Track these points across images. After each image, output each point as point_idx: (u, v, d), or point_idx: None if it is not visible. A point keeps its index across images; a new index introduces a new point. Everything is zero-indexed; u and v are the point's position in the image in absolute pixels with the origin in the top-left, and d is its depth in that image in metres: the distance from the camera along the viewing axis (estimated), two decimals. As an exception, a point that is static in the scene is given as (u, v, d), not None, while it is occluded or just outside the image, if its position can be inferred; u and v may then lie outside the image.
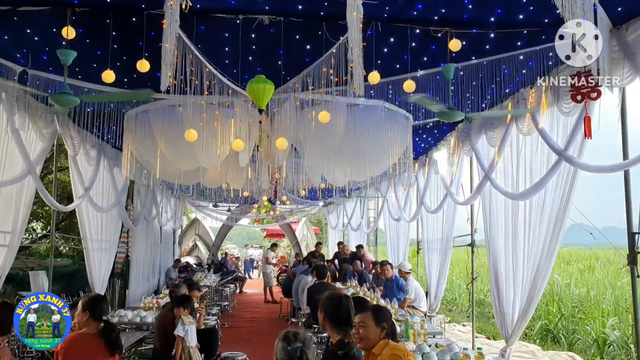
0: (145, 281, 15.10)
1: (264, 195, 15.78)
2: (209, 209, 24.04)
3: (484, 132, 8.75)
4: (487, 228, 8.63)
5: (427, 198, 12.12)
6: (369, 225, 18.94)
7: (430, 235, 12.28)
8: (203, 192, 17.25)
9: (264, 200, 16.07)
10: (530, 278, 7.16)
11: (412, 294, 9.87)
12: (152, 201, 15.62)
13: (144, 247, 15.03)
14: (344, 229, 22.52)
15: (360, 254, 14.94)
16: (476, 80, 6.88)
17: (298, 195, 16.27)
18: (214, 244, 26.27)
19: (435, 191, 11.83)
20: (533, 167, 7.37)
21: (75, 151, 9.78)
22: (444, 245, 11.08)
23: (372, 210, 19.09)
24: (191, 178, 9.94)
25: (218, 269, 21.27)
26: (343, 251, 15.74)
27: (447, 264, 11.11)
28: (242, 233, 72.91)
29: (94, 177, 10.54)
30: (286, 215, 26.00)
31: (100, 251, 11.27)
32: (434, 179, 11.85)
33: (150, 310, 8.07)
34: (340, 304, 4.31)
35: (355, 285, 12.10)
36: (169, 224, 19.67)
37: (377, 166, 8.92)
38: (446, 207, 10.98)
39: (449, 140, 10.67)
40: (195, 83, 6.40)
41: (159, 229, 17.48)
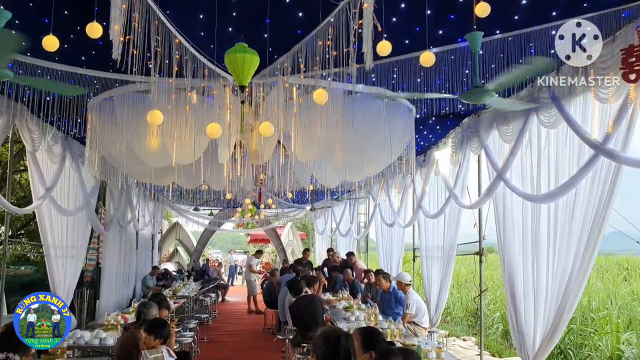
0: (119, 290, 13.92)
1: (248, 198, 14.67)
2: (190, 213, 22.89)
3: (495, 126, 7.75)
4: (501, 235, 7.61)
5: (425, 201, 11.12)
6: (359, 231, 17.89)
7: (429, 242, 11.25)
8: (181, 194, 16.08)
9: (247, 203, 14.94)
10: (558, 294, 6.13)
11: (412, 309, 8.81)
12: (127, 204, 14.47)
13: (118, 254, 13.85)
14: (332, 235, 21.46)
15: (352, 261, 13.84)
16: (495, 63, 5.85)
17: (284, 199, 15.18)
18: (196, 249, 25.05)
19: (435, 194, 10.83)
20: (560, 165, 6.36)
21: (34, 147, 8.67)
22: (447, 253, 10.04)
23: (362, 214, 18.05)
24: (164, 177, 8.83)
25: (199, 276, 20.09)
26: (333, 259, 14.60)
27: (449, 274, 10.07)
28: (227, 238, 71.53)
29: (57, 177, 9.44)
30: (271, 220, 24.89)
31: (65, 258, 10.13)
32: (433, 181, 10.86)
33: (113, 330, 6.90)
34: (337, 348, 3.23)
35: (347, 297, 11.04)
36: (146, 229, 18.50)
37: (375, 164, 7.93)
38: (448, 212, 9.96)
39: (452, 137, 9.67)
40: (164, 61, 5.33)
41: (134, 234, 16.31)
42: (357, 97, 7.00)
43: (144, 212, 17.37)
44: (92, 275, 12.43)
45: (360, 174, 8.51)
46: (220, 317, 16.50)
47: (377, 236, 15.50)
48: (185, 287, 14.52)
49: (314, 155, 7.20)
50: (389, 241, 14.57)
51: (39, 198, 8.87)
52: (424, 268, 11.35)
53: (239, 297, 22.48)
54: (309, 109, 6.55)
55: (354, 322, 8.32)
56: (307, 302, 8.09)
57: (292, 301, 8.51)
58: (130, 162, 7.58)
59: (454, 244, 9.81)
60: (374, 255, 18.41)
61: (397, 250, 13.97)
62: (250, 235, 32.76)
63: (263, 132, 5.44)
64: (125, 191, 13.96)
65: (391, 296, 9.64)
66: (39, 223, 9.31)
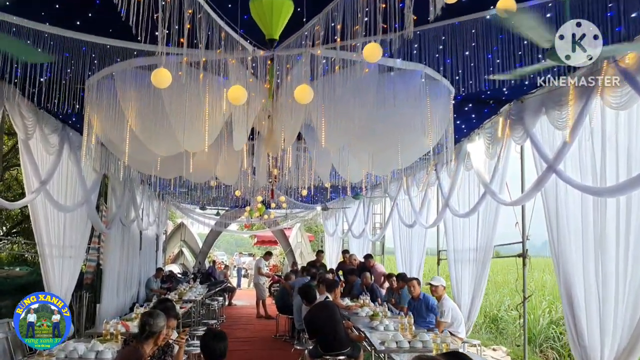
0: (121, 294, 13.05)
1: (259, 195, 13.76)
2: (196, 212, 22.03)
3: (544, 112, 6.86)
4: (553, 236, 6.69)
5: (453, 200, 10.22)
6: (374, 232, 16.97)
7: (458, 244, 10.33)
8: (189, 190, 15.17)
9: (258, 200, 14.00)
10: (635, 304, 5.22)
11: (448, 317, 7.90)
12: (131, 201, 13.60)
13: (120, 255, 12.98)
14: (344, 236, 20.54)
15: (370, 264, 12.90)
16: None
17: (297, 197, 14.26)
18: (201, 251, 24.17)
19: (465, 191, 9.92)
20: (632, 153, 5.46)
21: (27, 134, 7.80)
22: (481, 255, 9.11)
23: (378, 215, 17.13)
24: (171, 168, 7.94)
25: (205, 278, 19.22)
26: (350, 261, 13.63)
27: (484, 279, 9.13)
28: (230, 240, 70.61)
29: (53, 169, 8.57)
30: (279, 221, 24.00)
31: (62, 258, 9.25)
32: (464, 176, 9.95)
33: (112, 342, 5.94)
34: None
35: (368, 303, 10.12)
36: (150, 229, 17.64)
37: (411, 152, 7.00)
38: (483, 210, 9.05)
39: (487, 127, 8.77)
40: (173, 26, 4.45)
41: (138, 234, 15.44)
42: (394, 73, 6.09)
43: (148, 211, 16.52)
44: (92, 278, 11.56)
45: (391, 165, 7.60)
46: (228, 322, 15.58)
47: (395, 238, 14.58)
48: (192, 290, 13.65)
49: (343, 141, 6.29)
50: (408, 243, 13.65)
51: (32, 192, 8.01)
52: (452, 272, 10.44)
53: (245, 301, 21.60)
54: (339, 88, 5.65)
55: (383, 333, 7.43)
56: (322, 309, 7.20)
57: (308, 310, 7.61)
58: (132, 150, 6.68)
59: (490, 245, 8.88)
60: (390, 259, 17.51)
61: (417, 253, 13.04)
62: (257, 237, 31.85)
63: (300, 96, 4.51)
64: (129, 187, 13.10)
65: (421, 303, 8.73)
66: (33, 219, 8.44)
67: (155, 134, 6.28)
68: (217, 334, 4.71)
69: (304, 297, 7.58)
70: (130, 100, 6.06)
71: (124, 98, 6.08)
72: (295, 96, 4.52)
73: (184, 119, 5.88)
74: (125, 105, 6.09)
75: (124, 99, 6.08)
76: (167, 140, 6.34)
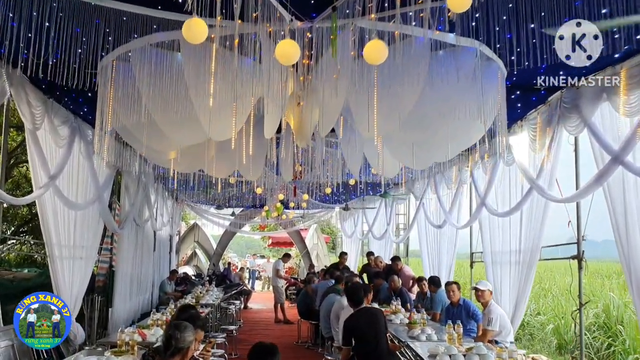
0: (134, 297, 12.42)
1: (279, 193, 13.06)
2: (210, 213, 21.40)
3: (605, 98, 6.14)
4: (620, 235, 5.97)
5: (491, 198, 9.51)
6: (397, 233, 16.25)
7: (496, 246, 9.59)
8: (206, 188, 14.49)
9: (279, 198, 13.28)
10: None
11: (496, 325, 7.15)
12: (145, 200, 12.99)
13: (133, 256, 12.36)
14: (364, 238, 19.82)
15: (397, 267, 12.16)
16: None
17: (320, 195, 13.53)
18: (215, 252, 23.50)
19: (505, 188, 9.20)
20: None
21: (35, 124, 7.20)
22: (526, 258, 8.36)
23: (401, 215, 16.41)
24: (191, 161, 7.28)
25: (220, 281, 18.58)
26: (375, 263, 12.90)
27: (529, 283, 8.38)
28: (240, 242, 69.93)
29: (63, 163, 7.99)
30: (295, 222, 23.33)
31: (72, 260, 8.65)
32: (503, 172, 9.24)
33: (127, 355, 5.20)
34: None
35: (400, 309, 9.40)
36: (164, 229, 17.03)
37: (459, 141, 6.31)
38: (527, 208, 8.32)
39: (532, 117, 8.05)
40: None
41: (152, 235, 14.82)
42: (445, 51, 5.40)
43: (162, 211, 15.90)
44: (105, 280, 10.91)
45: (435, 156, 6.92)
46: (245, 327, 14.90)
47: (421, 239, 13.85)
48: (209, 294, 12.99)
49: (387, 128, 5.59)
50: (436, 245, 12.93)
51: (40, 187, 7.39)
52: (490, 276, 9.70)
53: (261, 304, 20.94)
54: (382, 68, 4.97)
55: (428, 343, 6.72)
56: (369, 316, 6.48)
57: (348, 314, 6.90)
58: (150, 140, 6.03)
59: (537, 246, 8.11)
60: (415, 262, 16.78)
61: (447, 256, 12.30)
62: (272, 238, 31.15)
63: (371, 55, 3.78)
64: (143, 185, 12.49)
65: (461, 309, 8.00)
66: (41, 217, 7.81)
67: (176, 121, 5.62)
68: (268, 349, 4.04)
69: (350, 297, 6.81)
70: (149, 83, 5.40)
71: (141, 80, 5.43)
72: (365, 54, 3.81)
73: (209, 103, 5.21)
74: (142, 88, 5.43)
75: (142, 80, 5.42)
76: (189, 128, 5.68)
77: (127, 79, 5.67)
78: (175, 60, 5.46)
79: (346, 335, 6.51)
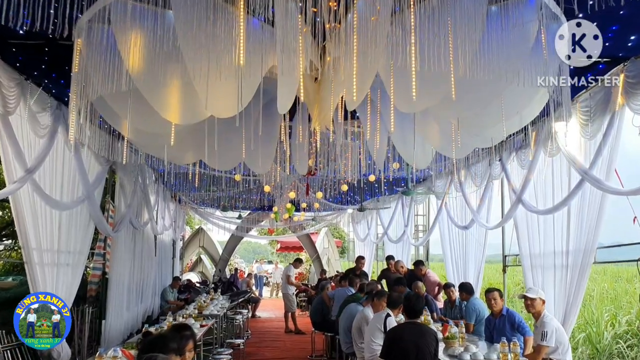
0: (132, 307, 11.33)
1: (290, 191, 11.93)
2: (215, 216, 20.33)
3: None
4: None
5: (529, 193, 8.40)
6: (417, 236, 15.10)
7: (535, 248, 8.44)
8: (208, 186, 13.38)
9: (291, 196, 12.13)
10: None
11: (552, 340, 5.99)
12: (143, 201, 11.93)
13: (131, 262, 11.30)
14: (378, 241, 18.68)
15: (421, 272, 11.01)
16: None
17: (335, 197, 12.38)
18: (221, 258, 22.37)
19: (547, 182, 8.08)
20: None
21: (7, 108, 6.14)
22: (577, 260, 7.20)
23: (420, 216, 15.28)
24: (188, 147, 6.19)
25: (227, 288, 17.50)
26: (396, 269, 11.72)
27: (581, 290, 7.22)
28: (247, 247, 68.74)
29: (43, 155, 6.94)
30: (305, 225, 22.24)
31: (57, 266, 7.60)
32: (543, 163, 8.12)
33: None
34: None
35: (428, 321, 8.27)
36: (166, 233, 15.98)
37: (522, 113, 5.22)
38: (577, 204, 7.20)
39: (583, 98, 6.92)
40: None
41: (152, 239, 13.76)
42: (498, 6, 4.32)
43: (163, 214, 14.84)
44: (98, 289, 9.83)
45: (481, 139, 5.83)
46: (254, 338, 13.77)
47: (444, 242, 12.72)
48: (214, 302, 11.90)
49: (429, 100, 4.48)
50: (461, 248, 11.78)
51: (14, 181, 6.33)
52: (529, 282, 8.56)
53: (270, 312, 19.79)
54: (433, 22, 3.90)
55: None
56: (419, 334, 5.39)
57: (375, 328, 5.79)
58: (137, 120, 4.95)
59: (591, 247, 6.97)
60: (437, 267, 15.64)
61: (475, 259, 11.15)
62: (280, 243, 29.99)
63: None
64: (141, 185, 11.44)
65: (504, 321, 6.87)
66: (16, 217, 6.74)
67: (167, 94, 4.54)
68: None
69: (408, 308, 5.71)
70: (133, 45, 4.33)
71: (123, 43, 4.36)
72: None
73: (207, 71, 4.13)
74: (125, 52, 4.36)
75: (124, 43, 4.35)
76: (183, 102, 4.60)
77: (108, 43, 4.60)
78: (165, 19, 4.39)
79: (388, 347, 5.46)
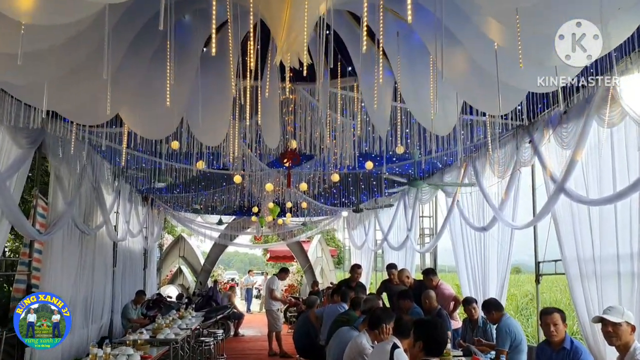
0: (77, 330, 9.19)
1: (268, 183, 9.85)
2: (197, 223, 18.31)
3: None
4: None
5: (570, 182, 6.46)
6: (422, 241, 13.02)
7: (586, 251, 6.42)
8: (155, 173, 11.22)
9: (268, 189, 9.94)
10: None
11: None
12: (95, 199, 9.89)
13: (75, 273, 9.19)
14: (377, 249, 16.59)
15: (432, 283, 8.86)
16: None
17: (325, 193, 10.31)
18: (203, 269, 20.22)
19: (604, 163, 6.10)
20: None
21: None
22: None
23: (426, 217, 13.21)
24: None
25: (205, 303, 15.37)
26: (400, 279, 9.50)
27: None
28: (244, 259, 66.43)
29: None
30: (295, 232, 20.19)
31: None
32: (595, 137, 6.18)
33: None
34: None
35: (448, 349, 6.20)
36: (135, 241, 13.91)
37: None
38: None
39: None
40: None
41: (110, 247, 11.68)
42: None
43: (128, 217, 12.76)
44: (20, 308, 7.75)
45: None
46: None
47: (456, 247, 10.66)
48: (175, 323, 9.78)
49: None
50: (478, 254, 9.71)
51: None
52: (576, 294, 6.54)
53: (256, 329, 17.55)
54: None
55: None
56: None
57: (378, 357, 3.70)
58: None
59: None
60: (447, 278, 13.58)
61: (498, 268, 9.05)
62: (270, 252, 27.77)
63: None
64: (92, 180, 9.41)
65: (567, 355, 4.78)
66: None
67: None
68: None
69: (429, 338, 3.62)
70: None
71: None
72: None
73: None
74: None
75: None
76: None
77: None
78: None
79: None
